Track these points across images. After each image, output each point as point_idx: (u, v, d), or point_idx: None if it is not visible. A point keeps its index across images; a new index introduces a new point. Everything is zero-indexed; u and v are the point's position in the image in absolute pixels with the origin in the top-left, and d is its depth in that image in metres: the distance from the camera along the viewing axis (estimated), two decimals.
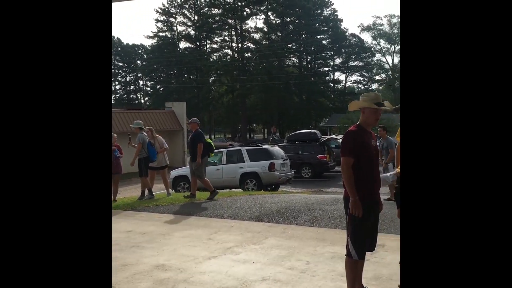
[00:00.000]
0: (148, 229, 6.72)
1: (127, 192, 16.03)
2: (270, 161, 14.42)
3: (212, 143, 10.11)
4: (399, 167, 4.88)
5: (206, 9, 59.46)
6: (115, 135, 10.31)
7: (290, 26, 60.35)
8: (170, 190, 11.36)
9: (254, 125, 70.28)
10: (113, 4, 8.65)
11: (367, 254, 3.81)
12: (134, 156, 9.70)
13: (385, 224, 6.17)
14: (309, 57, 62.69)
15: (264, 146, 15.91)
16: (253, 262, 4.91)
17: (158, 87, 67.47)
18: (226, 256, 5.18)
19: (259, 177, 14.34)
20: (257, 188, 14.14)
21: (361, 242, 3.60)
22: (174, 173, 16.18)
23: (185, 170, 16.26)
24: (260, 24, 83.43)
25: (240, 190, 13.85)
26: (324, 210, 7.44)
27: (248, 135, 60.25)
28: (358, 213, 3.50)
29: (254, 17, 58.73)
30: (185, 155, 30.72)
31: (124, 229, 6.74)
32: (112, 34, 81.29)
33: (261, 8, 57.64)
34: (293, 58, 62.95)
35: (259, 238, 5.96)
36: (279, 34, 60.07)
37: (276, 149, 15.77)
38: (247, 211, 7.75)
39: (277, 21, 59.57)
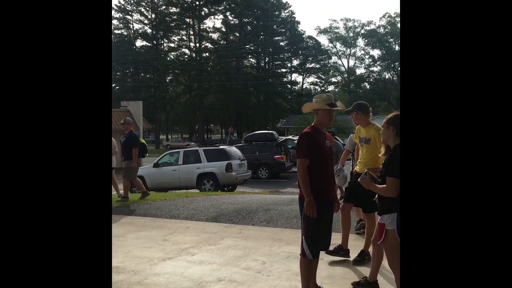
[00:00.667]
0: None
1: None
2: (227, 162, 14.40)
3: (146, 143, 10.05)
4: (357, 166, 5.01)
5: (164, 7, 58.68)
6: None
7: (248, 27, 60.58)
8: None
9: (211, 125, 70.09)
10: None
11: (321, 253, 3.87)
12: None
13: (339, 223, 6.28)
14: (267, 58, 63.15)
15: (221, 147, 15.89)
16: (209, 263, 4.89)
17: (113, 85, 66.03)
18: (182, 257, 5.13)
19: (216, 178, 14.30)
20: (214, 188, 14.09)
21: (315, 242, 3.66)
22: None
23: (140, 171, 16.00)
24: (218, 24, 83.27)
25: (197, 190, 13.76)
26: (280, 210, 7.51)
27: (205, 135, 59.98)
28: (313, 214, 3.56)
29: (212, 17, 58.61)
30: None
31: None
32: None
33: (219, 8, 57.53)
34: (251, 59, 63.24)
35: (215, 239, 5.95)
36: (237, 34, 60.16)
37: (233, 149, 15.78)
38: (204, 211, 7.71)
39: (235, 22, 59.65)
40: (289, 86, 64.58)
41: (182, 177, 14.52)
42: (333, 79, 67.88)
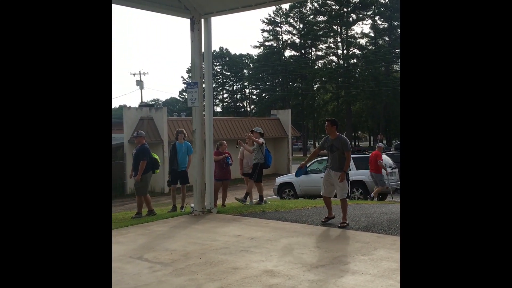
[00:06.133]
0: (256, 234, 6.87)
1: (234, 198, 16.55)
2: None
3: (158, 159, 9.78)
4: None
5: (312, 16, 59.65)
6: (225, 142, 10.71)
7: (399, 30, 58.30)
8: (276, 196, 11.56)
9: (359, 132, 68.91)
10: (221, 17, 9.07)
11: None
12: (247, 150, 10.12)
13: None
14: None
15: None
16: (362, 273, 4.79)
17: (263, 95, 69.02)
18: (334, 266, 5.11)
19: (366, 186, 13.99)
20: (363, 197, 13.80)
21: None
22: (279, 180, 16.37)
23: (290, 177, 16.40)
24: (366, 29, 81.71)
25: None
26: None
27: (353, 143, 59.15)
28: None
29: (360, 22, 57.80)
30: (290, 162, 30.99)
31: (233, 233, 6.95)
32: (221, 45, 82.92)
33: (368, 13, 56.48)
34: None
35: (368, 249, 5.80)
36: (386, 38, 58.35)
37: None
38: (355, 220, 7.59)
39: (385, 26, 57.92)
40: None
41: None
42: None
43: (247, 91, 77.36)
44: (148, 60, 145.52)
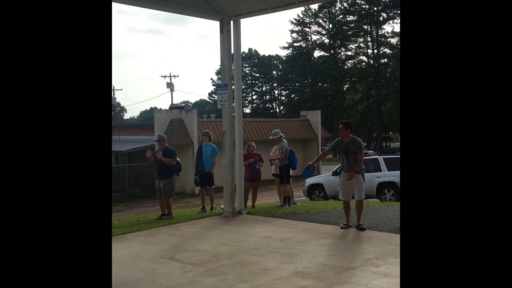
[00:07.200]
0: (286, 235, 6.84)
1: (264, 199, 16.58)
2: None
3: (180, 161, 9.78)
4: None
5: (341, 16, 59.17)
6: (253, 143, 10.72)
7: None
8: (306, 198, 11.48)
9: (390, 133, 67.84)
10: (250, 19, 9.08)
11: None
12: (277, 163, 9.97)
13: None
14: None
15: None
16: (395, 276, 4.71)
17: (292, 96, 68.86)
18: (366, 268, 5.04)
19: (398, 187, 13.76)
20: (395, 199, 13.59)
21: None
22: (309, 181, 16.29)
23: (319, 178, 16.30)
24: (397, 28, 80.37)
25: (376, 200, 13.44)
26: None
27: (384, 143, 58.35)
28: None
29: (391, 21, 56.87)
30: (320, 163, 30.75)
31: (264, 234, 6.95)
32: (250, 47, 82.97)
33: (398, 12, 55.56)
34: None
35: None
36: None
37: None
38: (387, 222, 7.47)
39: None
40: None
41: None
42: None
43: (276, 92, 77.34)
44: (178, 62, 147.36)
